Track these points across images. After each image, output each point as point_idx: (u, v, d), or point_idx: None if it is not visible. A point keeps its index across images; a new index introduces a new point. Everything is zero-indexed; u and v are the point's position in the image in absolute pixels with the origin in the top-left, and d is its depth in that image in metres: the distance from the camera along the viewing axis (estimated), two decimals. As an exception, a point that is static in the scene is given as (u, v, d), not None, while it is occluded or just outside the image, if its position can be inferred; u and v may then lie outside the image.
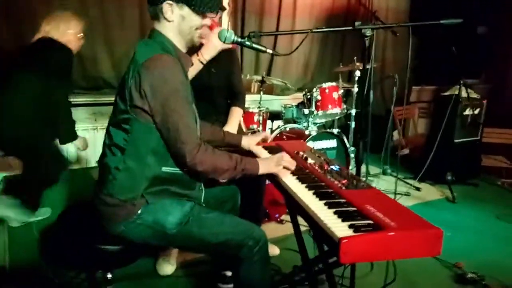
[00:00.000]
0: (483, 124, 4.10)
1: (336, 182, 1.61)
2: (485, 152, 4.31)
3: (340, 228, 1.24)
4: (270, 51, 1.76)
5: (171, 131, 1.46)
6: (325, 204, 1.43)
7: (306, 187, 1.59)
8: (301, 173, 1.75)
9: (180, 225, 1.54)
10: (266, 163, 1.70)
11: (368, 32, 1.70)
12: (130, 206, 1.51)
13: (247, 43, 1.73)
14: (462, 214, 3.39)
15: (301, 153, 2.00)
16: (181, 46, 1.60)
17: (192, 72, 1.94)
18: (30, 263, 2.43)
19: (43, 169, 2.74)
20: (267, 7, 4.61)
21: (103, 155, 1.59)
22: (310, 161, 1.87)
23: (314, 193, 1.52)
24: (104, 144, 1.60)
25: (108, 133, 1.58)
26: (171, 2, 1.50)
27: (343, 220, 1.29)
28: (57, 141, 2.82)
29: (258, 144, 2.11)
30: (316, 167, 1.80)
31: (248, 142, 2.09)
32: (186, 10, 1.52)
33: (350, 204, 1.41)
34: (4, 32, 3.38)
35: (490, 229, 3.12)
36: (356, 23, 1.71)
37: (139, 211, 1.52)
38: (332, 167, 1.80)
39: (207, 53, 1.96)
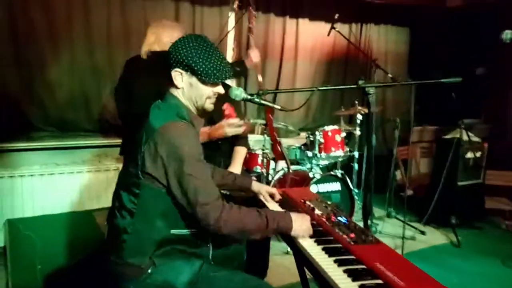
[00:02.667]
0: (485, 167, 4.12)
1: (345, 236, 1.61)
2: (489, 194, 4.32)
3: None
4: (277, 107, 1.83)
5: (190, 195, 1.45)
6: (334, 261, 1.42)
7: (315, 241, 1.59)
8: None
9: (190, 284, 1.53)
10: (300, 225, 1.61)
11: (371, 90, 1.75)
12: (139, 267, 1.52)
13: (256, 100, 1.79)
14: (467, 259, 3.36)
15: (307, 202, 2.01)
16: (193, 109, 1.63)
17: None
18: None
19: None
20: (269, 51, 4.73)
21: (112, 216, 1.60)
22: (317, 211, 1.88)
23: (323, 249, 1.52)
24: (114, 205, 1.61)
25: (117, 195, 1.59)
26: (180, 70, 1.54)
27: (353, 280, 1.29)
28: None
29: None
30: (324, 219, 1.80)
31: (259, 187, 2.10)
32: (194, 79, 1.56)
33: (360, 262, 1.41)
34: (14, 77, 3.46)
35: (496, 275, 3.09)
36: (360, 82, 1.77)
37: (149, 271, 1.52)
38: (340, 218, 1.80)
39: (218, 135, 2.02)
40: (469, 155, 3.93)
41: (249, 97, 1.79)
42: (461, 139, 3.86)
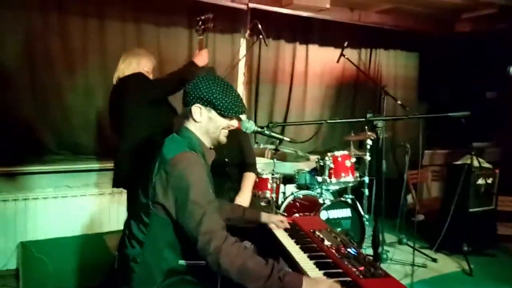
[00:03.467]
0: (497, 193, 4.08)
1: (354, 269, 1.62)
2: (501, 221, 4.25)
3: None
4: (287, 139, 1.86)
5: (194, 222, 1.47)
6: (343, 295, 1.44)
7: (324, 274, 1.60)
8: (318, 257, 1.76)
9: None
10: (313, 285, 1.43)
11: (380, 124, 1.78)
12: None
13: (266, 132, 1.84)
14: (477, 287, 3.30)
15: (317, 232, 2.02)
16: (207, 142, 1.70)
17: None
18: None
19: None
20: (280, 76, 4.81)
21: (123, 245, 1.65)
22: (326, 242, 1.89)
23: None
24: (124, 235, 1.66)
25: (128, 225, 1.65)
26: (200, 105, 1.62)
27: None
28: None
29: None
30: (333, 250, 1.81)
31: (268, 218, 2.13)
32: (213, 113, 1.64)
33: (370, 297, 1.42)
34: (30, 103, 3.56)
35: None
36: (368, 115, 1.81)
37: None
38: (349, 250, 1.81)
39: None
40: (481, 181, 3.90)
41: (259, 129, 1.84)
42: (471, 165, 3.83)
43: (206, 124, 1.66)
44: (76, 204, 3.64)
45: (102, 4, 3.68)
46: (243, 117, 1.93)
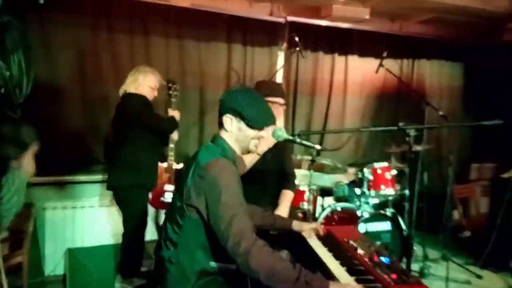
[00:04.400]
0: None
1: (386, 276, 1.59)
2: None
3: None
4: (318, 147, 1.89)
5: (224, 224, 1.51)
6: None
7: (356, 280, 1.59)
8: (350, 264, 1.75)
9: None
10: None
11: (412, 132, 1.76)
12: None
13: (298, 140, 1.86)
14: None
15: (351, 241, 2.00)
16: (238, 150, 1.77)
17: (251, 161, 2.08)
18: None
19: None
20: (318, 87, 4.80)
21: (159, 248, 1.72)
22: (360, 251, 1.87)
23: (363, 288, 1.51)
24: (160, 237, 1.74)
25: (164, 227, 1.72)
26: (230, 116, 1.71)
27: (392, 323, 1.27)
28: None
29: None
30: (366, 259, 1.78)
31: (300, 225, 2.14)
32: (242, 124, 1.72)
33: (400, 304, 1.39)
34: (80, 114, 3.79)
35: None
36: (400, 124, 1.79)
37: None
38: (382, 259, 1.78)
39: (264, 146, 2.11)
40: (529, 194, 3.69)
41: (290, 137, 1.87)
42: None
43: (236, 134, 1.73)
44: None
45: (146, 21, 3.87)
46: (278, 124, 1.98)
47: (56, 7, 3.42)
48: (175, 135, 3.35)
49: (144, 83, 3.07)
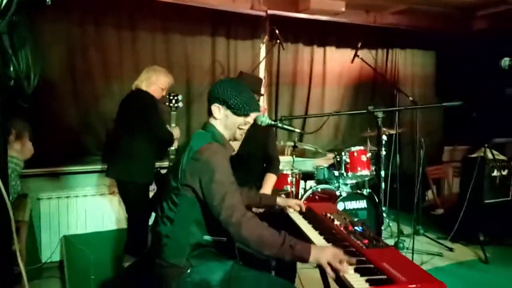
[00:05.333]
0: (515, 185, 4.17)
1: (358, 241, 1.85)
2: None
3: (358, 282, 1.47)
4: (298, 130, 2.11)
5: (218, 199, 1.72)
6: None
7: (333, 245, 1.83)
8: (328, 233, 2.00)
9: (223, 282, 1.79)
10: (319, 253, 1.63)
11: (380, 114, 2.00)
12: (179, 268, 1.81)
13: (279, 125, 2.09)
14: (494, 274, 3.43)
15: (328, 214, 2.25)
16: (227, 136, 1.97)
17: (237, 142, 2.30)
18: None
19: None
20: (299, 78, 5.04)
21: (156, 225, 1.93)
22: (336, 222, 2.12)
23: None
24: (157, 215, 1.94)
25: (161, 206, 1.92)
26: (218, 105, 1.91)
27: (361, 275, 1.53)
28: None
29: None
30: (342, 228, 2.04)
31: (284, 201, 2.38)
32: (228, 112, 1.91)
33: (369, 262, 1.64)
34: (72, 109, 3.94)
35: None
36: (369, 107, 2.02)
37: (188, 271, 1.81)
38: (356, 228, 2.03)
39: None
40: (496, 173, 4.01)
41: (272, 122, 2.10)
42: (485, 157, 3.95)
43: (224, 121, 1.93)
44: (113, 201, 3.96)
45: (133, 16, 4.01)
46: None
47: (43, 3, 3.52)
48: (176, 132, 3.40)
49: (156, 83, 3.21)
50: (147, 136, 3.14)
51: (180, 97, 3.39)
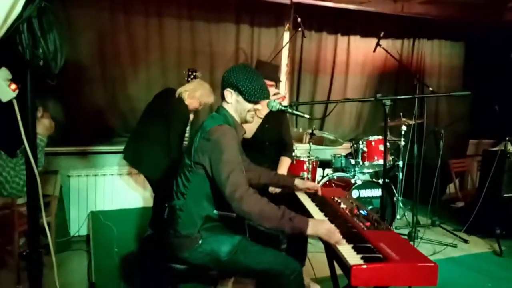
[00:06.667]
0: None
1: (361, 224, 1.93)
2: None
3: (353, 258, 1.57)
4: (307, 116, 2.18)
5: (224, 176, 1.84)
6: (347, 241, 1.75)
7: (335, 226, 1.92)
8: (331, 215, 2.09)
9: (231, 254, 1.94)
10: (317, 226, 1.78)
11: (388, 102, 2.05)
12: (191, 239, 1.96)
13: (289, 110, 2.18)
14: (507, 267, 3.43)
15: (336, 198, 2.34)
16: (238, 119, 2.09)
17: (254, 126, 2.39)
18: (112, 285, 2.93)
19: None
20: (321, 67, 5.06)
21: (171, 199, 2.07)
22: (342, 205, 2.21)
23: (340, 232, 1.85)
24: (172, 190, 2.09)
25: (176, 182, 2.07)
26: (230, 90, 2.03)
27: (357, 253, 1.62)
28: None
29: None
30: (347, 211, 2.12)
31: (303, 183, 2.45)
32: (240, 98, 2.03)
33: (367, 241, 1.72)
34: (101, 92, 4.14)
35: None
36: (378, 95, 2.08)
37: (199, 242, 1.96)
38: (361, 211, 2.11)
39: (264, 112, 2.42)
40: (516, 167, 3.96)
41: (283, 108, 2.19)
42: (506, 151, 3.90)
43: (235, 105, 2.05)
44: (138, 181, 4.16)
45: (160, 4, 4.15)
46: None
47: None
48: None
49: (198, 97, 3.24)
50: (163, 144, 3.17)
51: (198, 74, 3.42)
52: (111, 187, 4.11)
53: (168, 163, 3.14)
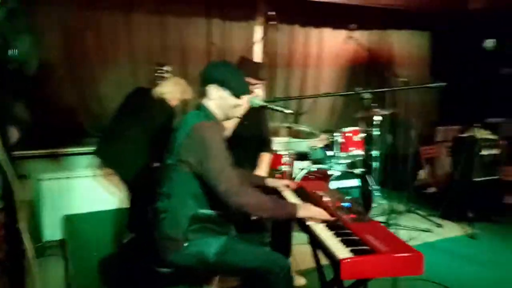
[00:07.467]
0: (504, 163, 4.27)
1: (345, 216, 1.95)
2: (508, 190, 4.42)
3: (342, 252, 1.58)
4: (287, 111, 2.19)
5: (215, 173, 1.83)
6: (334, 234, 1.77)
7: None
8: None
9: (218, 254, 1.90)
10: (306, 208, 1.95)
11: (366, 95, 2.07)
12: (177, 241, 1.92)
13: (270, 106, 2.17)
14: (481, 249, 3.57)
15: (318, 192, 2.35)
16: (220, 116, 2.05)
17: (230, 124, 2.38)
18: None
19: None
20: (295, 60, 5.08)
21: (154, 201, 2.02)
22: (324, 198, 2.22)
23: (327, 226, 1.87)
24: (156, 192, 2.04)
25: (159, 183, 2.02)
26: (215, 85, 1.99)
27: (346, 246, 1.63)
28: None
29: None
30: (330, 204, 2.14)
31: (274, 182, 2.49)
32: (225, 93, 2.00)
33: (353, 234, 1.74)
34: (70, 92, 4.00)
35: (508, 265, 3.28)
36: (356, 89, 2.10)
37: (185, 244, 1.92)
38: (344, 204, 2.13)
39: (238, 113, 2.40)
40: (485, 152, 4.11)
41: (264, 104, 2.18)
42: (475, 137, 4.05)
43: (219, 102, 2.02)
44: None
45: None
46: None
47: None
48: None
49: (179, 98, 3.23)
50: (141, 145, 3.13)
51: (168, 68, 3.36)
52: (85, 189, 3.98)
53: (145, 163, 3.09)
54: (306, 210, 1.93)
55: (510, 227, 4.11)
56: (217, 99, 2.01)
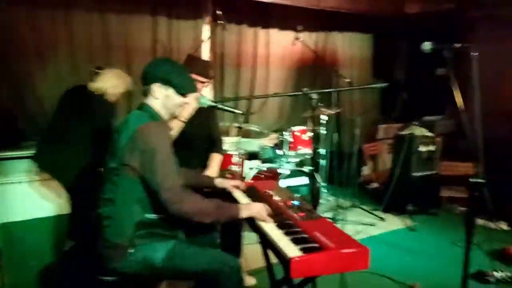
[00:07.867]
0: (440, 159, 4.56)
1: (295, 214, 1.98)
2: (449, 184, 4.72)
3: (292, 250, 1.60)
4: (237, 111, 2.18)
5: (157, 180, 1.77)
6: (284, 233, 1.79)
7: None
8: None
9: (165, 259, 1.85)
10: (247, 208, 1.95)
11: (314, 96, 2.12)
12: (122, 248, 1.84)
13: (219, 106, 2.15)
14: (421, 241, 3.79)
15: (269, 191, 2.37)
16: (165, 116, 1.99)
17: (176, 130, 2.33)
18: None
19: None
20: (243, 60, 5.10)
21: (97, 207, 1.92)
22: (275, 198, 2.25)
23: (277, 225, 1.89)
24: (99, 198, 1.93)
25: (100, 188, 1.92)
26: (159, 84, 1.91)
27: (296, 245, 1.65)
28: None
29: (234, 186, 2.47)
30: (280, 203, 2.16)
31: (222, 182, 2.46)
32: (170, 91, 1.93)
33: (303, 232, 1.77)
34: (4, 92, 3.74)
35: (445, 254, 3.49)
36: (304, 89, 2.14)
37: (131, 251, 1.84)
38: (294, 202, 2.17)
39: (186, 114, 2.35)
40: (422, 148, 4.36)
41: (213, 104, 2.15)
42: (413, 134, 4.28)
43: (164, 101, 1.94)
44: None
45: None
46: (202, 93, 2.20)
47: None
48: None
49: (123, 90, 3.07)
50: (82, 147, 3.00)
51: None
52: (21, 196, 3.73)
53: (86, 166, 2.96)
54: (247, 210, 1.94)
55: (446, 219, 4.39)
56: (162, 98, 1.94)
